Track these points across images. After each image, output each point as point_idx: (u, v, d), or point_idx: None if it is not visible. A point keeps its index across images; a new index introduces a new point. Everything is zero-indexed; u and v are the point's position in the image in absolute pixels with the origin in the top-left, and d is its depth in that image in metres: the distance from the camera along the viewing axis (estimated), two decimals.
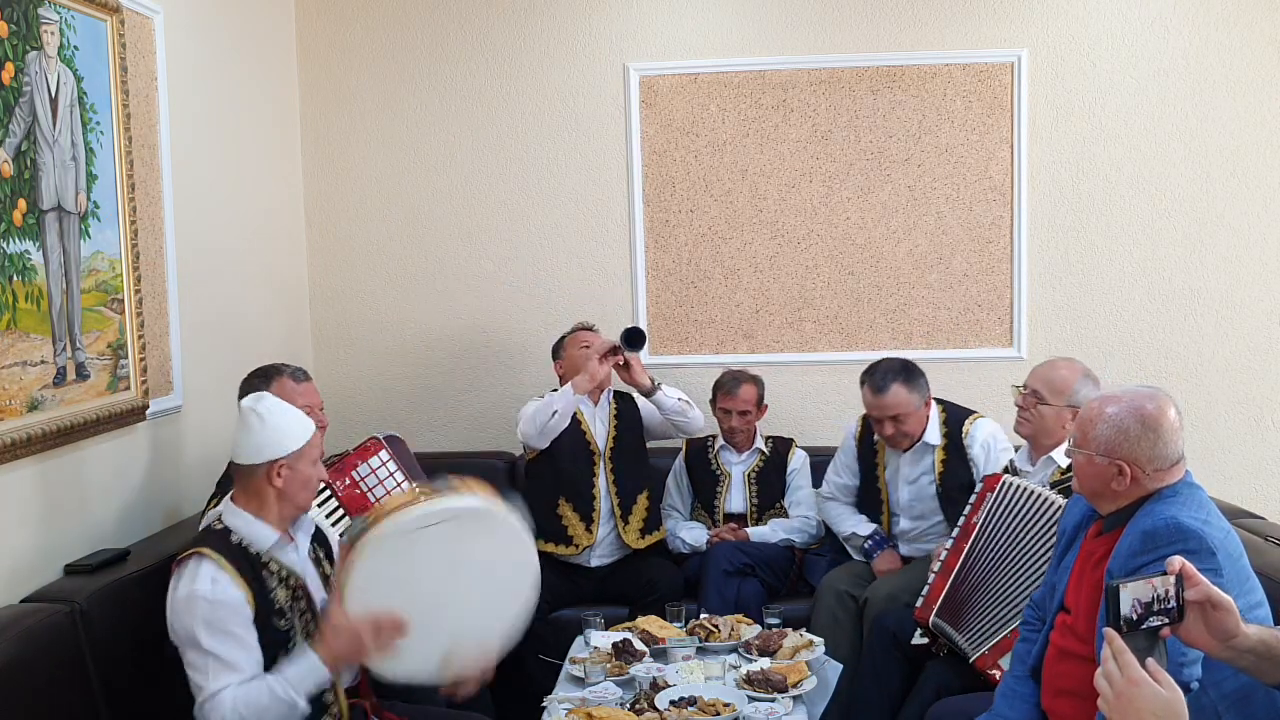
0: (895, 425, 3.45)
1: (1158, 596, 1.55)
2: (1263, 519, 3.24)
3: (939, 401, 3.61)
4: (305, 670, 2.19)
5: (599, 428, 3.78)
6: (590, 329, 3.89)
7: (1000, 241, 4.24)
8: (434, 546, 2.21)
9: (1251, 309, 4.21)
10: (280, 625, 2.24)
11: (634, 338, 3.65)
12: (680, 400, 3.77)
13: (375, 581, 2.20)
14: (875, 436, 3.62)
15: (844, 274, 4.29)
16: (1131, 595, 1.52)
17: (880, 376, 3.45)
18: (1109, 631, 1.50)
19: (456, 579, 2.25)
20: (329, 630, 2.22)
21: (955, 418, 3.55)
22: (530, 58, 4.30)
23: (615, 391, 3.88)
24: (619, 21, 4.27)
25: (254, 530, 2.26)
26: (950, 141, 4.22)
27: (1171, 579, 1.57)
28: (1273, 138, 4.15)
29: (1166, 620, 1.55)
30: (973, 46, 4.18)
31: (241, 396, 2.82)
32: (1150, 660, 1.48)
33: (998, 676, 2.71)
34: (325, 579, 2.41)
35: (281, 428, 2.27)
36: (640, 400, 3.85)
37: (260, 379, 2.87)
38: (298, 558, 2.35)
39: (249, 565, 2.22)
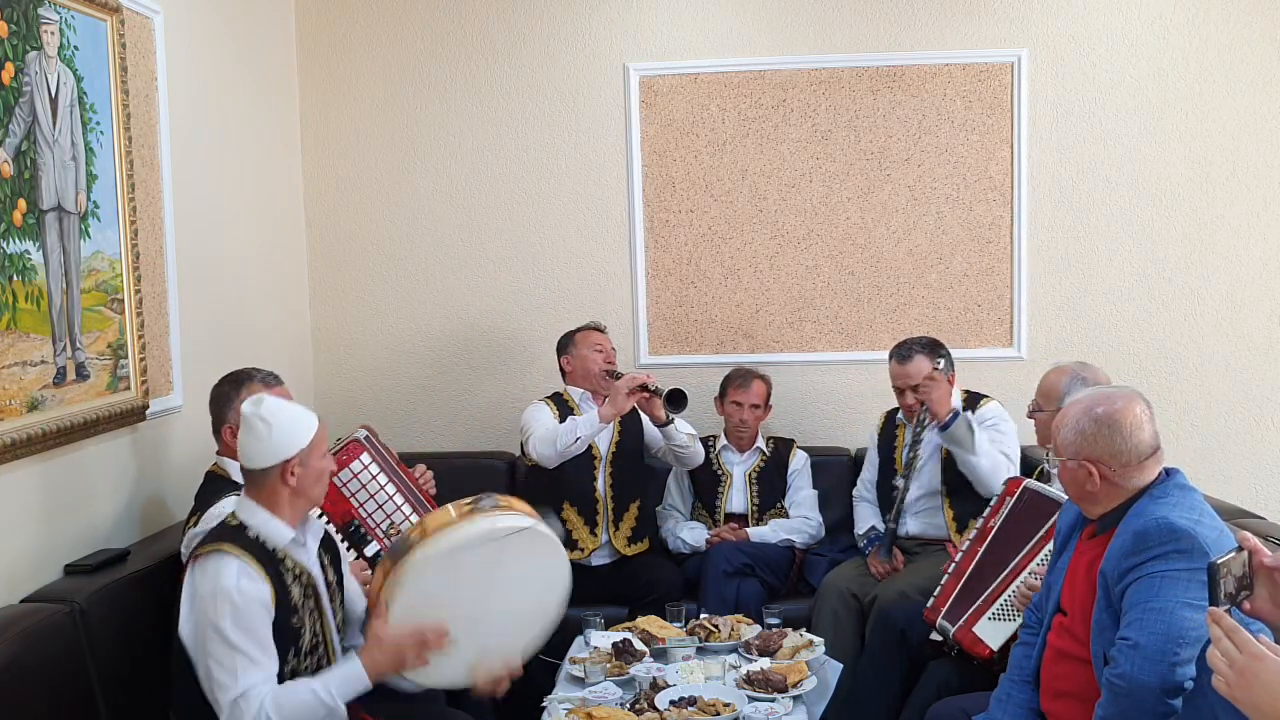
0: (915, 395, 3.56)
1: (1243, 573, 1.57)
2: (1263, 519, 3.24)
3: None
4: (348, 677, 2.21)
5: (603, 430, 3.74)
6: (601, 329, 3.88)
7: (1000, 241, 4.24)
8: (477, 565, 2.26)
9: (1251, 309, 4.21)
10: (293, 623, 2.24)
11: (677, 400, 3.58)
12: (689, 435, 3.75)
13: (419, 598, 2.24)
14: (896, 420, 3.75)
15: (844, 274, 4.29)
16: (1228, 572, 1.54)
17: (906, 348, 3.62)
18: (1215, 610, 1.48)
19: (492, 594, 2.29)
20: (372, 641, 2.26)
21: (971, 400, 3.67)
22: (530, 58, 4.30)
23: None
24: (619, 21, 4.27)
25: (271, 527, 2.26)
26: (950, 141, 4.22)
27: (1246, 554, 1.58)
28: (1273, 138, 4.15)
29: (1249, 593, 1.57)
30: (972, 46, 4.18)
31: (213, 403, 2.80)
32: (1261, 635, 1.47)
33: (985, 651, 2.74)
34: (329, 585, 2.40)
35: (288, 428, 2.27)
36: (644, 416, 3.83)
37: (230, 385, 2.79)
38: (308, 559, 2.35)
39: (269, 560, 2.22)
